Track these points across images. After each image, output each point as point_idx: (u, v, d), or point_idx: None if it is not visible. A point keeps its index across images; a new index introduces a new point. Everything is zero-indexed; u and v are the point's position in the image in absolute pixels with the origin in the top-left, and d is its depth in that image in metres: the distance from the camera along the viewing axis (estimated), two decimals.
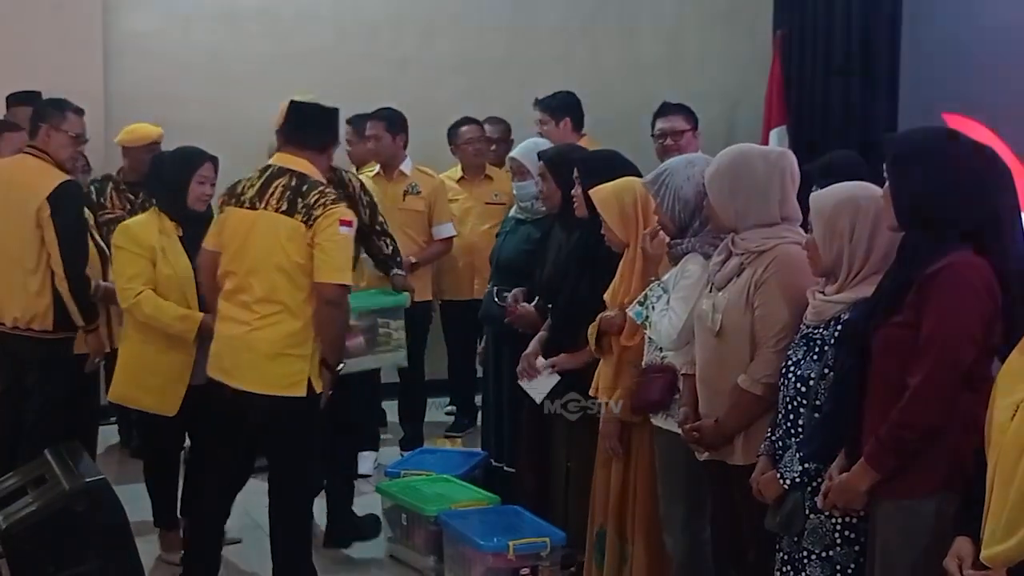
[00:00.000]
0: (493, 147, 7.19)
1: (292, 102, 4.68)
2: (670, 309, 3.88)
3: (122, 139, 6.47)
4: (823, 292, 3.32)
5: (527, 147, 5.48)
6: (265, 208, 4.37)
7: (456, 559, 4.82)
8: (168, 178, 4.95)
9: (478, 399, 6.42)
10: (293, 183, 4.39)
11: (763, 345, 3.52)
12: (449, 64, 8.06)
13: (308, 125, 4.58)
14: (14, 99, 6.46)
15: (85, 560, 4.46)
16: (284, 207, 4.34)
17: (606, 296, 4.37)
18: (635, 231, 4.28)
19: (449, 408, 7.50)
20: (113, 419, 6.87)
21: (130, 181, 6.35)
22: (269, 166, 4.51)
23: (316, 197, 4.34)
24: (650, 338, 4.03)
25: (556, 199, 4.89)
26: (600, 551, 4.35)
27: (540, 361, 4.69)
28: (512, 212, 5.67)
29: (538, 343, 4.77)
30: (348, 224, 4.36)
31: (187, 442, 5.31)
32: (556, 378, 4.62)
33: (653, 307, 3.96)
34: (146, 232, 4.85)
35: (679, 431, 3.82)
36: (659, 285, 4.00)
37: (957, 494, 2.86)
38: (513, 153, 5.62)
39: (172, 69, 7.38)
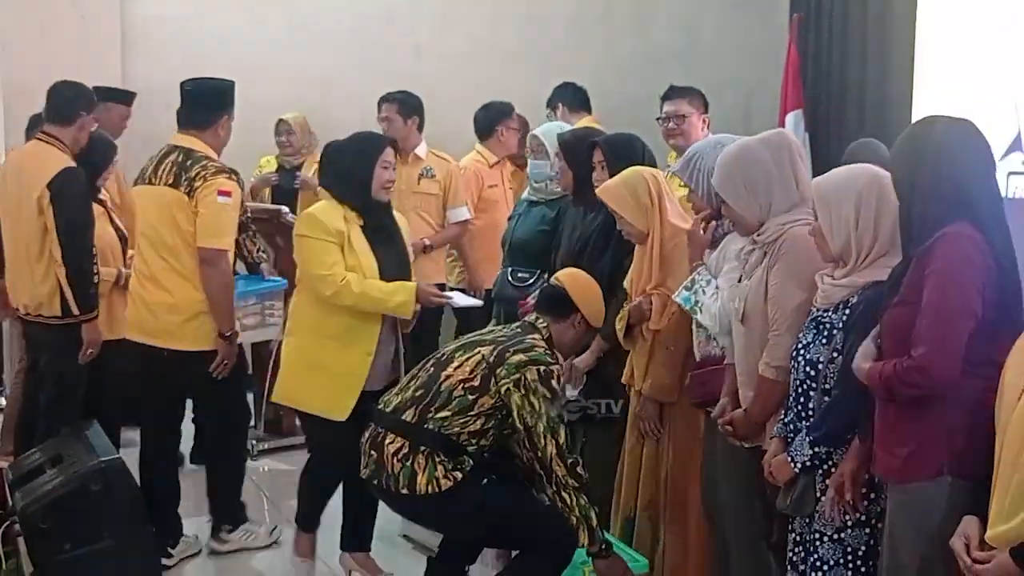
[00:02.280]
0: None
1: (180, 84, 5.10)
2: (720, 291, 3.87)
3: None
4: (832, 276, 3.31)
5: (550, 128, 5.53)
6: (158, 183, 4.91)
7: None
8: (349, 167, 4.65)
9: None
10: (179, 159, 4.91)
11: (772, 329, 3.53)
12: (464, 53, 8.07)
13: (193, 105, 5.04)
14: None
15: (100, 538, 4.51)
16: (171, 181, 4.88)
17: (626, 284, 4.38)
18: (655, 218, 4.28)
19: None
20: None
21: None
22: (166, 146, 5.00)
23: (198, 170, 4.84)
24: (699, 325, 3.99)
25: (567, 180, 4.91)
26: (628, 539, 4.35)
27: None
28: (525, 194, 5.70)
29: None
30: (226, 194, 4.83)
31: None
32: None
33: (703, 291, 3.94)
34: (332, 218, 4.56)
35: None
36: (706, 269, 3.99)
37: (967, 479, 2.84)
38: (536, 131, 5.66)
39: (189, 56, 7.38)
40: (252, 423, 6.49)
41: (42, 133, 5.30)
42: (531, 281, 5.34)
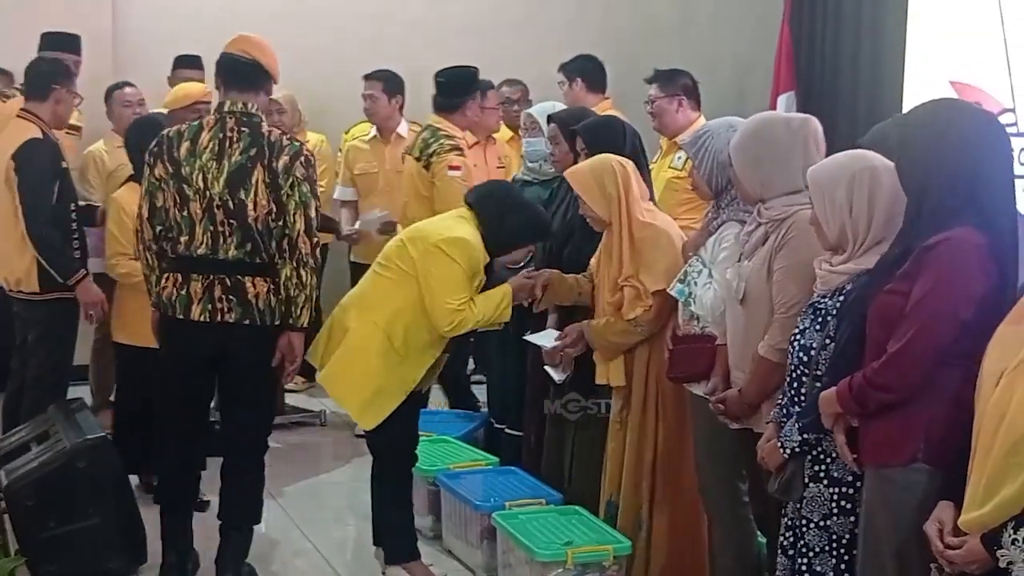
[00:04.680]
0: (516, 107, 7.13)
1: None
2: (714, 281, 3.88)
3: (167, 103, 5.96)
4: (829, 262, 3.31)
5: (544, 106, 5.53)
6: None
7: (453, 519, 4.85)
8: (511, 225, 4.47)
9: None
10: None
11: (778, 312, 3.53)
12: (460, 25, 8.03)
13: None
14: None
15: (86, 516, 4.52)
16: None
17: (591, 267, 4.39)
18: (617, 209, 4.29)
19: None
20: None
21: None
22: None
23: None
24: (693, 314, 3.99)
25: (568, 162, 4.86)
26: (611, 520, 4.37)
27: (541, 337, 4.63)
28: (519, 174, 5.67)
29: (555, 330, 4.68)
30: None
31: None
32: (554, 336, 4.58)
33: (695, 282, 3.96)
34: (480, 254, 4.39)
35: None
36: (699, 260, 3.99)
37: (942, 468, 2.86)
38: (530, 109, 5.64)
39: (182, 24, 7.37)
40: None
41: (21, 110, 5.33)
42: (523, 262, 5.32)
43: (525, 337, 4.70)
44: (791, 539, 3.35)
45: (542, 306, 4.62)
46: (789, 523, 3.36)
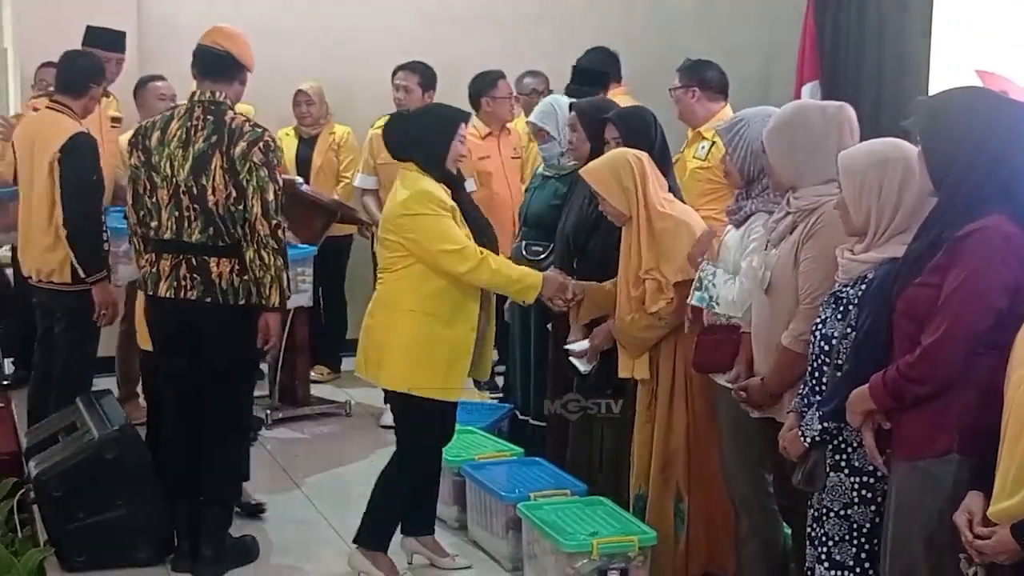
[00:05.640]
0: (540, 99, 7.12)
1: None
2: (740, 275, 3.88)
3: None
4: (851, 251, 3.30)
5: (543, 110, 5.49)
6: None
7: (479, 509, 4.86)
8: (431, 138, 4.44)
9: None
10: None
11: (803, 302, 3.53)
12: (478, 17, 8.02)
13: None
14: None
15: (114, 506, 4.56)
16: None
17: (620, 279, 4.38)
18: (635, 202, 4.29)
19: None
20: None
21: None
22: None
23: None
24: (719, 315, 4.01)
25: (584, 150, 4.87)
26: (639, 512, 4.38)
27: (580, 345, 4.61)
28: (540, 169, 5.68)
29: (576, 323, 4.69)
30: None
31: None
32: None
33: (712, 284, 3.96)
34: (441, 192, 4.35)
35: None
36: (708, 264, 4.00)
37: (973, 457, 2.84)
38: (531, 118, 5.63)
39: (206, 17, 7.35)
40: (267, 392, 6.54)
41: (52, 101, 5.36)
42: (544, 255, 5.33)
43: (566, 346, 4.66)
44: (816, 529, 3.35)
45: (584, 318, 4.61)
46: (815, 513, 3.36)
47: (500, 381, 6.58)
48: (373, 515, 4.53)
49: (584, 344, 4.57)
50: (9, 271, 6.90)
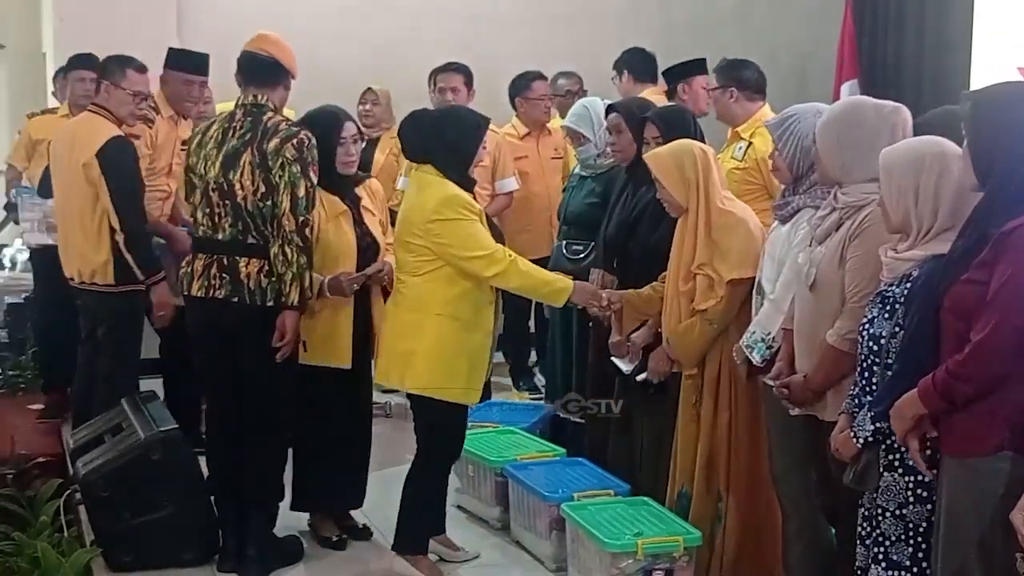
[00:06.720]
0: (575, 99, 7.13)
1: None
2: (784, 268, 3.87)
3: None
4: (895, 249, 3.29)
5: (577, 112, 5.50)
6: None
7: (521, 510, 4.86)
8: (455, 141, 4.38)
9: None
10: None
11: (850, 300, 3.51)
12: (517, 18, 8.04)
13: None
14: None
15: (160, 507, 4.58)
16: None
17: (669, 271, 4.36)
18: (695, 194, 4.28)
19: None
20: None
21: None
22: None
23: None
24: (759, 292, 4.02)
25: (631, 152, 4.84)
26: (683, 511, 4.37)
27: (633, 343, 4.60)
28: (576, 170, 5.69)
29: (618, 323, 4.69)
30: None
31: None
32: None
33: (761, 339, 3.94)
34: (469, 197, 4.35)
35: None
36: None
37: None
38: (565, 122, 5.64)
39: (243, 22, 7.41)
40: None
41: (94, 104, 5.38)
42: (584, 254, 5.33)
43: (612, 358, 4.66)
44: (868, 529, 3.34)
45: (628, 327, 4.60)
46: (866, 513, 3.35)
47: (539, 381, 6.59)
48: (406, 520, 4.54)
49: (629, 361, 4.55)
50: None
